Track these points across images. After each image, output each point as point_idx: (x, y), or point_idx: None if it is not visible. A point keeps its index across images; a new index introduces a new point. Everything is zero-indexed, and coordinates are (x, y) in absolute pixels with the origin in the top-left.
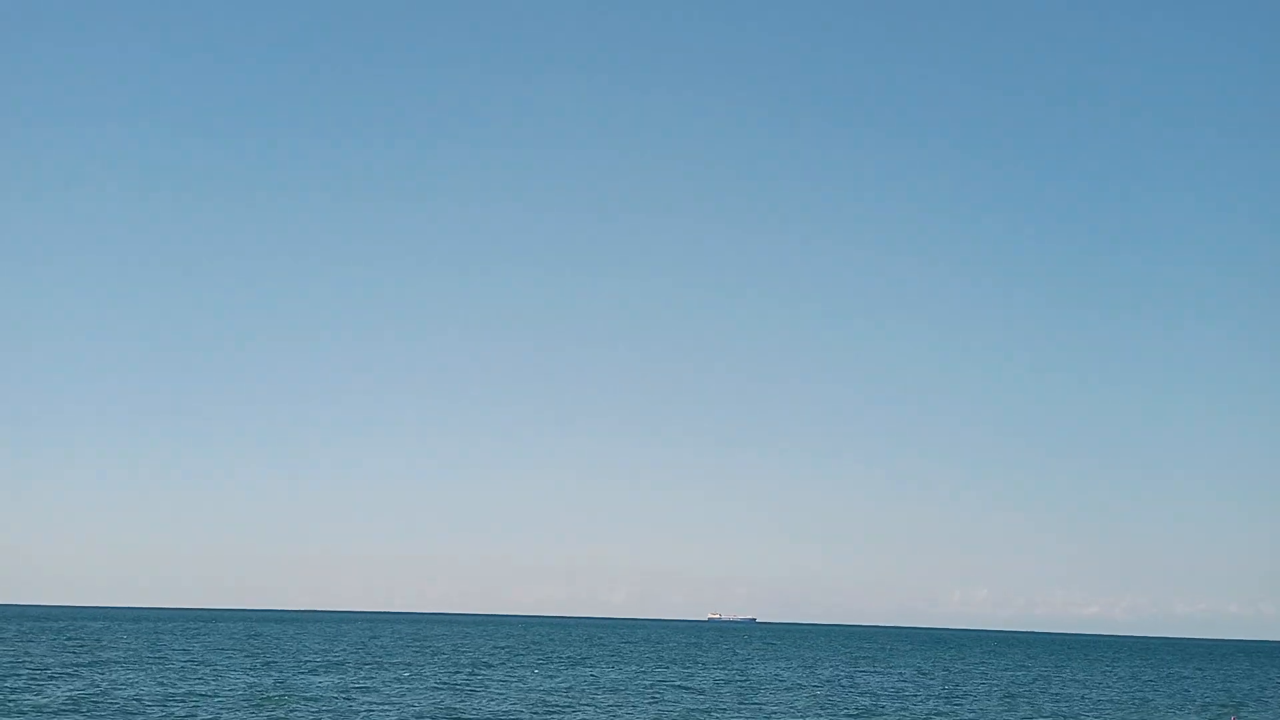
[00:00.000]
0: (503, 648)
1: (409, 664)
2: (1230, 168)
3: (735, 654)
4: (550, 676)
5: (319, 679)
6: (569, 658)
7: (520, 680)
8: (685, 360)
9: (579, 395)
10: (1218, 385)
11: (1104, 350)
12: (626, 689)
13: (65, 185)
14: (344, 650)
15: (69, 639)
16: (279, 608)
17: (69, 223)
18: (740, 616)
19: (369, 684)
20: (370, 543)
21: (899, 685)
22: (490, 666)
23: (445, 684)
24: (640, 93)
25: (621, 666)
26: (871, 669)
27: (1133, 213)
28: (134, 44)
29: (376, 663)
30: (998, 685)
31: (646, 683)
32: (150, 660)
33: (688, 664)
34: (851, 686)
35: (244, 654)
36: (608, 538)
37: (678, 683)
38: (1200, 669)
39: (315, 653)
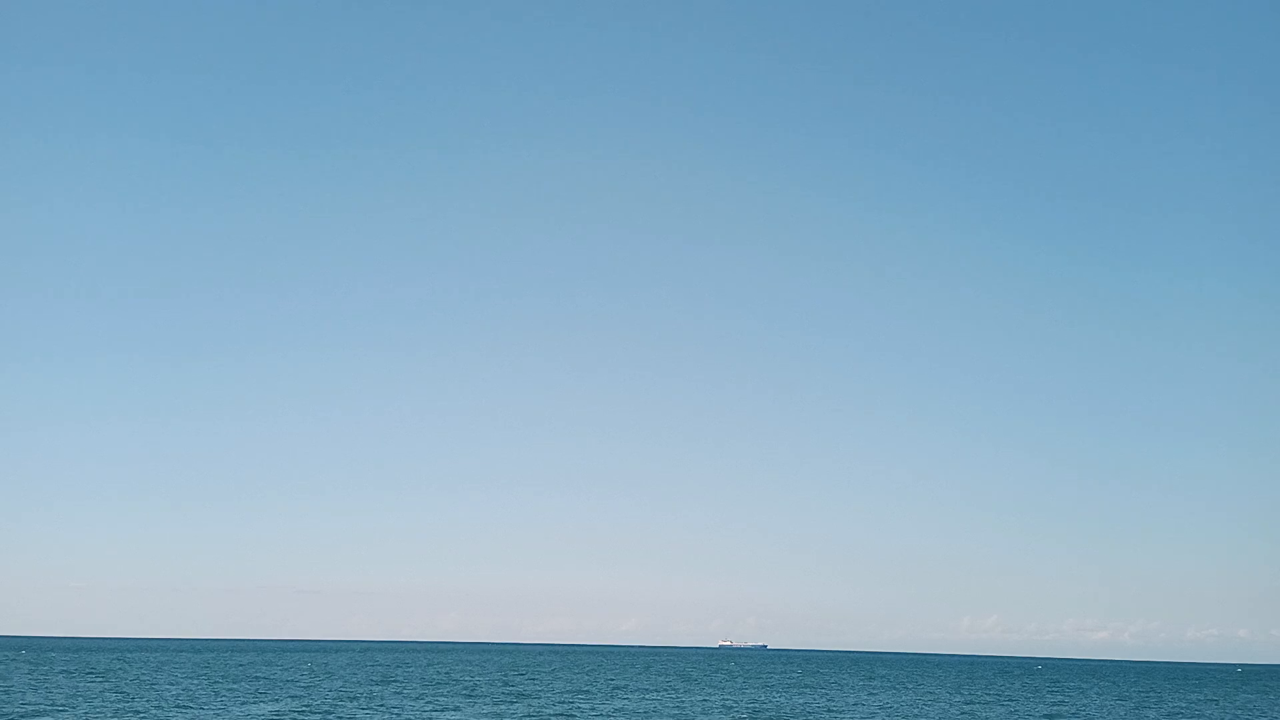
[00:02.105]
0: (535, 675)
1: (459, 693)
2: (1233, 176)
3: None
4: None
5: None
6: (634, 686)
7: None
8: (696, 391)
9: (588, 423)
10: (1226, 410)
11: (1113, 378)
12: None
13: (66, 195)
14: (389, 679)
15: (90, 673)
16: (286, 638)
17: (74, 237)
18: (751, 644)
19: (439, 713)
20: (380, 574)
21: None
22: (534, 696)
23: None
24: (633, 110)
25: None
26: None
27: (1148, 231)
28: (134, 47)
29: (404, 693)
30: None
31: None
32: (205, 695)
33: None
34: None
35: (300, 686)
36: (616, 567)
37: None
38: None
39: (371, 682)
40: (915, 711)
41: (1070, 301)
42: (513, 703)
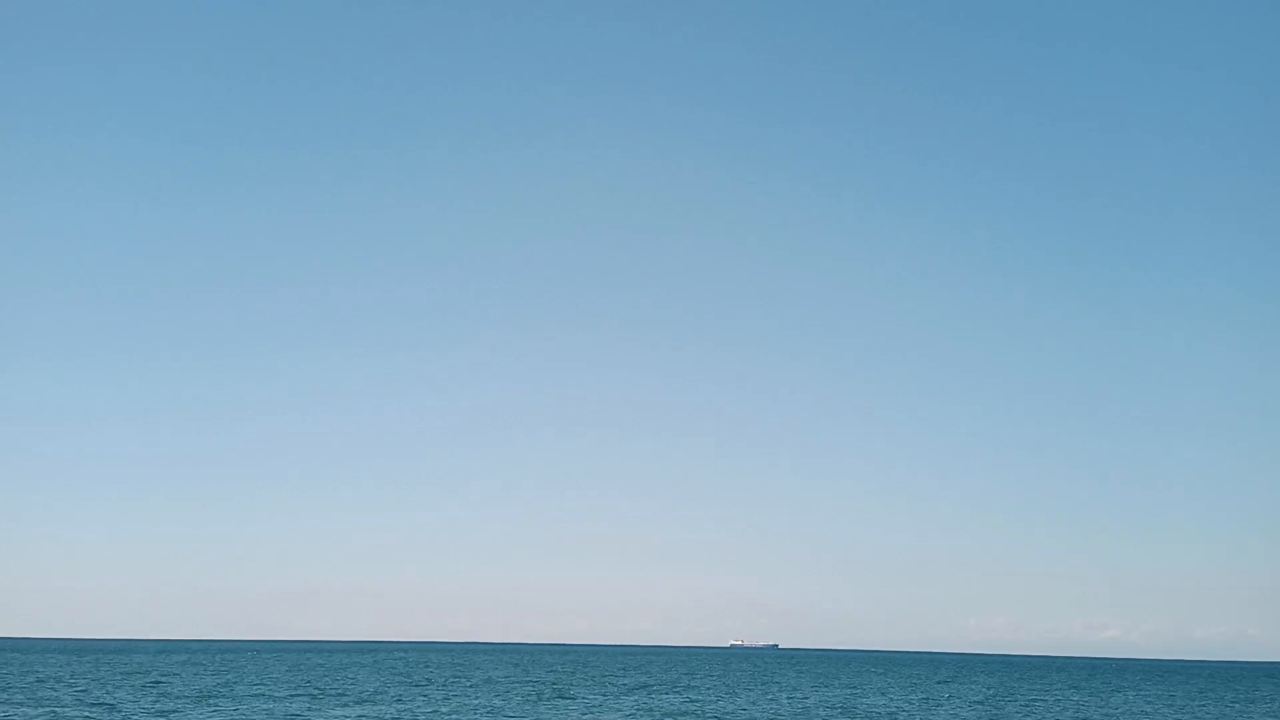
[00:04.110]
0: (557, 674)
1: (487, 691)
2: (1235, 176)
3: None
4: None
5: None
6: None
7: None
8: (706, 390)
9: (599, 422)
10: (1235, 407)
11: (1121, 376)
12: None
13: (65, 197)
14: (411, 679)
15: (127, 674)
16: (296, 638)
17: (76, 240)
18: (763, 643)
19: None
20: (385, 574)
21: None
22: (569, 698)
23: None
24: (629, 108)
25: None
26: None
27: (1152, 230)
28: (133, 46)
29: (440, 692)
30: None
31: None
32: (226, 696)
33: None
34: None
35: (311, 686)
36: (626, 566)
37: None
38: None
39: (388, 682)
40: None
41: (1078, 299)
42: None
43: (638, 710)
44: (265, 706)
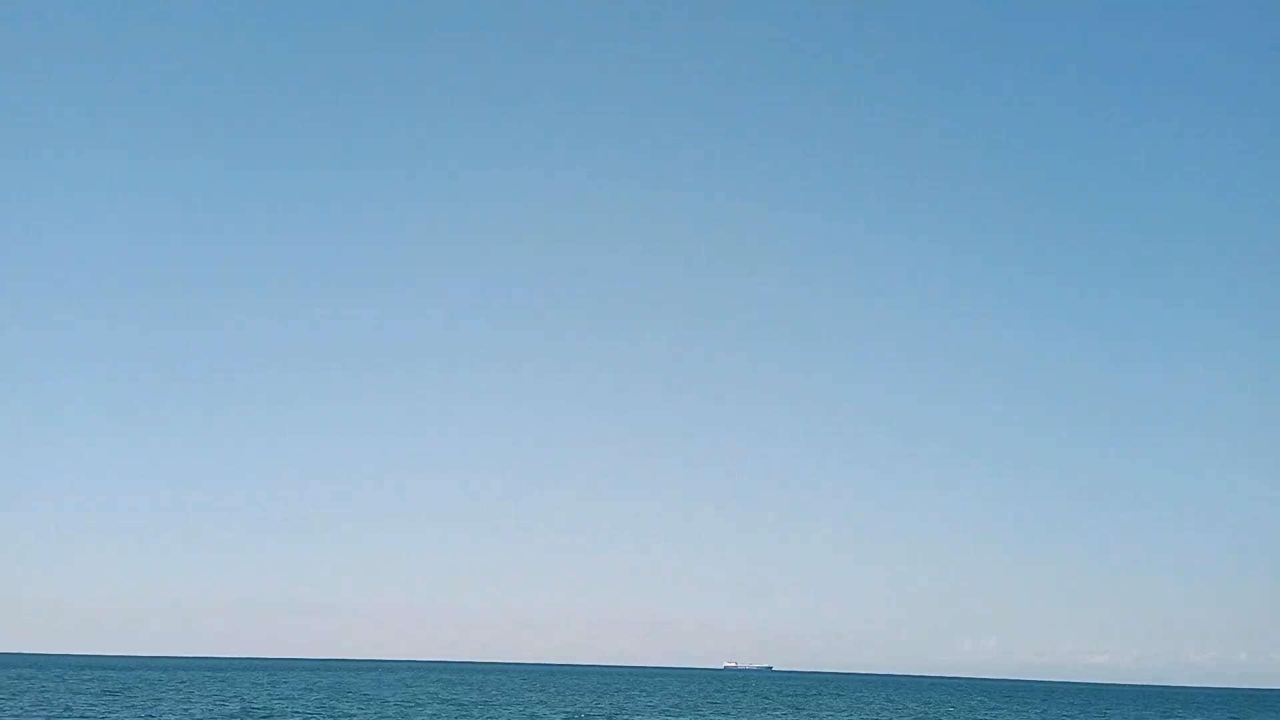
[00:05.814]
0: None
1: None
2: (1233, 195)
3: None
4: None
5: None
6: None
7: None
8: (698, 409)
9: (587, 439)
10: (1225, 432)
11: (1113, 398)
12: None
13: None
14: (436, 700)
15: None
16: (284, 656)
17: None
18: (756, 665)
19: None
20: (377, 593)
21: None
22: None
23: None
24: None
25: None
26: None
27: (1148, 250)
28: (134, 55)
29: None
30: None
31: None
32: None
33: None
34: None
35: (316, 706)
36: (618, 584)
37: None
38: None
39: (399, 704)
40: None
41: (1068, 321)
42: None
43: None
44: None
